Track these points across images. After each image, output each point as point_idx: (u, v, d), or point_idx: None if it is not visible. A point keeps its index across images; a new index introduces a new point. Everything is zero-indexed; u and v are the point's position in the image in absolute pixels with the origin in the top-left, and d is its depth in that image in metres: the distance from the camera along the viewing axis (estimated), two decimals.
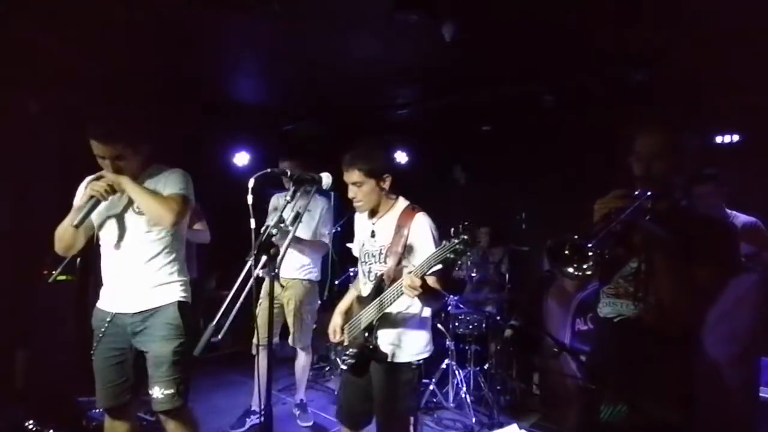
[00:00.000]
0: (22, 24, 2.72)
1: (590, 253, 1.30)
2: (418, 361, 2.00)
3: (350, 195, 1.95)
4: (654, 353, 1.45)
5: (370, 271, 2.04)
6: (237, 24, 2.85)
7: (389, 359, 1.94)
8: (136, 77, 3.54)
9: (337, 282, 4.46)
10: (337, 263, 4.83)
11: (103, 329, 2.02)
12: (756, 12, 2.40)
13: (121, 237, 2.02)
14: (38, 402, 3.02)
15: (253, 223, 1.29)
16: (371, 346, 1.89)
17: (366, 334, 1.91)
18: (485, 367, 3.79)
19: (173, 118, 3.89)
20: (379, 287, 1.91)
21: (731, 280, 2.65)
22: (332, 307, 2.76)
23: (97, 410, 3.02)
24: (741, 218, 2.88)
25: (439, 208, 2.46)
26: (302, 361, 3.31)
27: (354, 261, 4.32)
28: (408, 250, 1.89)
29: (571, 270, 1.34)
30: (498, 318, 3.79)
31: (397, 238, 1.89)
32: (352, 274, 4.23)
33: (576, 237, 1.31)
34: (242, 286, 1.34)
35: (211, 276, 4.62)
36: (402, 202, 2.04)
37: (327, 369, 4.28)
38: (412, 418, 1.98)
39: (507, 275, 3.92)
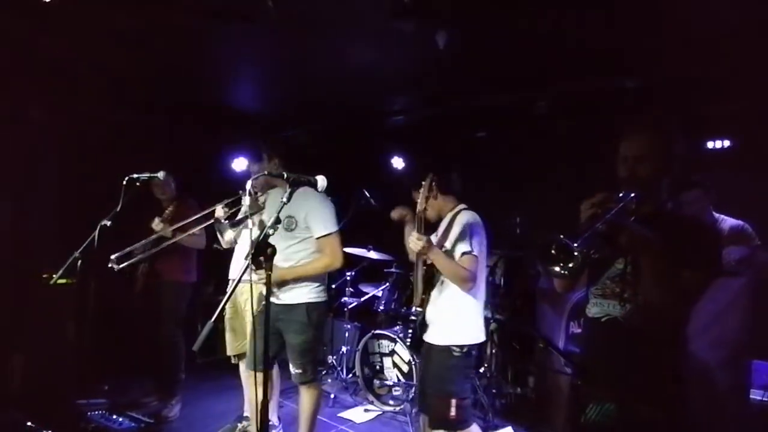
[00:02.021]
0: (24, 28, 2.77)
1: (575, 253, 1.34)
2: (462, 346, 2.13)
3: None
4: (640, 353, 1.47)
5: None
6: (235, 32, 2.91)
7: (432, 341, 2.19)
8: (135, 83, 3.60)
9: (333, 286, 4.50)
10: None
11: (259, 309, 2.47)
12: (745, 19, 2.44)
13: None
14: (37, 404, 3.04)
15: (250, 224, 1.34)
16: (418, 327, 2.22)
17: (419, 315, 2.25)
18: (481, 370, 3.81)
19: (171, 125, 3.95)
20: (429, 272, 2.19)
21: (720, 284, 2.72)
22: (328, 311, 2.85)
23: (96, 412, 3.05)
24: (728, 222, 2.92)
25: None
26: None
27: (350, 264, 4.41)
28: (450, 239, 2.21)
29: (557, 269, 1.39)
30: (493, 322, 3.83)
31: (445, 232, 2.26)
32: (348, 278, 4.27)
33: (562, 237, 1.35)
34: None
35: (210, 281, 4.65)
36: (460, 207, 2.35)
37: (324, 373, 4.31)
38: (454, 401, 2.10)
39: (502, 280, 3.96)
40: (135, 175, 2.64)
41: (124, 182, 2.59)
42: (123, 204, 2.55)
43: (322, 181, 1.53)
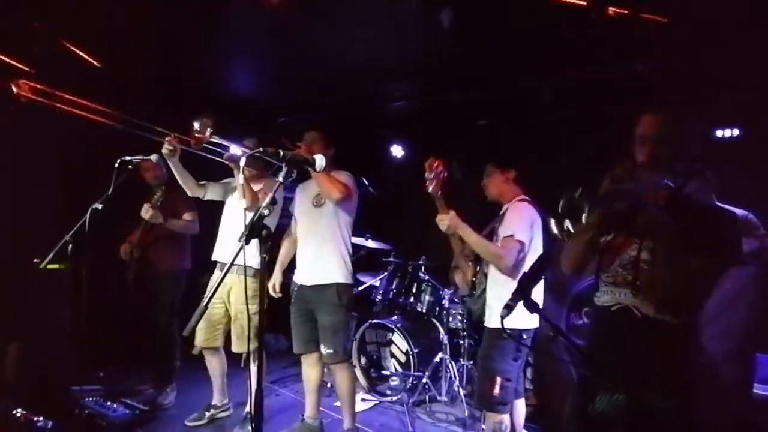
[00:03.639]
0: (18, 18, 2.69)
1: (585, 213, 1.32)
2: (511, 330, 2.15)
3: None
4: (651, 341, 1.44)
5: None
6: (231, 15, 2.83)
7: (488, 325, 2.30)
8: (128, 70, 3.50)
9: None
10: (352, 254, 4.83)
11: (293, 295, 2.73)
12: (754, 7, 2.39)
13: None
14: (30, 391, 3.00)
15: (244, 203, 1.27)
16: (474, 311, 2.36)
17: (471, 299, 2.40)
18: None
19: (166, 111, 3.85)
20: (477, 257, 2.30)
21: (727, 274, 2.68)
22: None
23: (91, 399, 3.00)
24: (733, 212, 2.88)
25: (434, 203, 2.46)
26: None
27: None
28: (503, 225, 2.29)
29: (568, 225, 1.37)
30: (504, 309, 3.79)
31: (501, 219, 2.35)
32: None
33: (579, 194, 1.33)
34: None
35: (205, 269, 4.59)
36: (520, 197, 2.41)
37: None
38: (499, 379, 2.17)
39: None
40: (127, 158, 2.57)
41: (116, 164, 2.51)
42: (115, 187, 2.48)
43: (320, 160, 1.46)
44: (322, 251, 2.63)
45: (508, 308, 1.20)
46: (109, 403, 2.92)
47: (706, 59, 2.97)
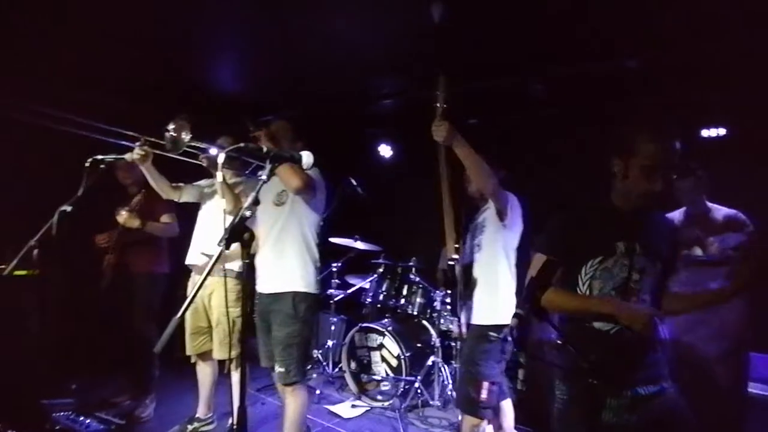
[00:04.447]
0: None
1: None
2: (498, 326, 2.11)
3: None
4: (652, 355, 1.51)
5: None
6: (211, 7, 2.69)
7: (471, 319, 2.20)
8: (105, 64, 3.33)
9: (319, 278, 4.32)
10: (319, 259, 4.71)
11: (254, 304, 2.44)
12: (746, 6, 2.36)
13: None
14: None
15: (224, 204, 1.16)
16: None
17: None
18: None
19: (140, 110, 3.68)
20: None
21: (718, 274, 2.67)
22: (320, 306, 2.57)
23: (62, 413, 2.84)
24: (722, 211, 2.90)
25: (424, 203, 2.38)
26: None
27: (336, 255, 4.25)
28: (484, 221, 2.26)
29: None
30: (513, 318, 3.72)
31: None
32: (334, 269, 4.10)
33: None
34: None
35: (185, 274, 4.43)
36: None
37: (309, 367, 4.14)
38: (486, 383, 2.08)
39: None
40: (99, 157, 2.40)
41: (87, 164, 2.35)
42: (86, 188, 2.32)
43: (307, 157, 1.34)
44: (281, 255, 2.31)
45: (519, 317, 1.11)
46: (82, 418, 2.77)
47: (694, 58, 2.95)
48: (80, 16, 2.72)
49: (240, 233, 1.15)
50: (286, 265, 2.29)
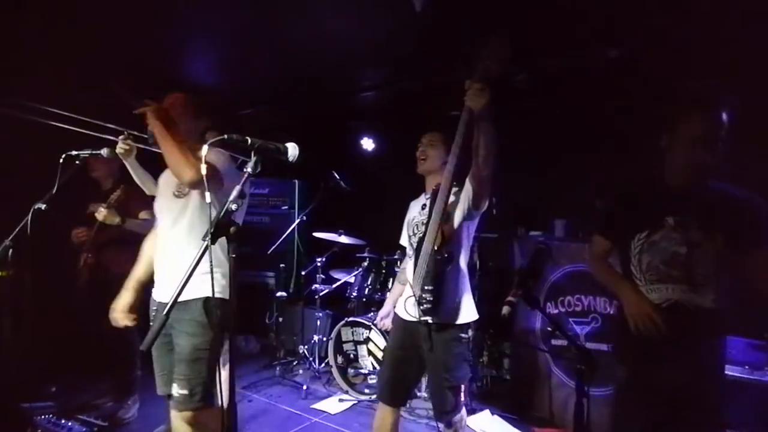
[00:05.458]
0: None
1: None
2: (465, 324, 1.96)
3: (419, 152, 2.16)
4: (708, 332, 1.52)
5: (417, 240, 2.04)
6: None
7: (434, 316, 1.90)
8: (83, 55, 3.22)
9: (303, 273, 4.30)
10: (303, 254, 4.68)
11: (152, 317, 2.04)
12: None
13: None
14: None
15: (208, 197, 1.13)
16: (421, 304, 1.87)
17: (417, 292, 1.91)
18: None
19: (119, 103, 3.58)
20: (421, 241, 1.93)
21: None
22: (299, 299, 2.48)
23: (43, 417, 2.76)
24: None
25: (408, 196, 2.37)
26: None
27: (320, 250, 4.22)
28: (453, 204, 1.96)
29: None
30: (505, 306, 3.75)
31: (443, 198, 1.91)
32: (319, 264, 4.08)
33: None
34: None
35: None
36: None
37: (295, 363, 4.13)
38: (463, 386, 1.97)
39: (477, 263, 3.89)
40: (74, 152, 2.32)
41: (61, 160, 2.27)
42: (60, 185, 2.24)
43: (293, 149, 1.31)
44: (184, 257, 1.87)
45: (510, 305, 1.12)
46: (63, 421, 2.71)
47: (677, 47, 2.99)
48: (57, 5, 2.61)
49: (226, 227, 1.13)
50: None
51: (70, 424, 2.71)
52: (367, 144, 4.89)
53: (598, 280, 1.73)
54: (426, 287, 1.87)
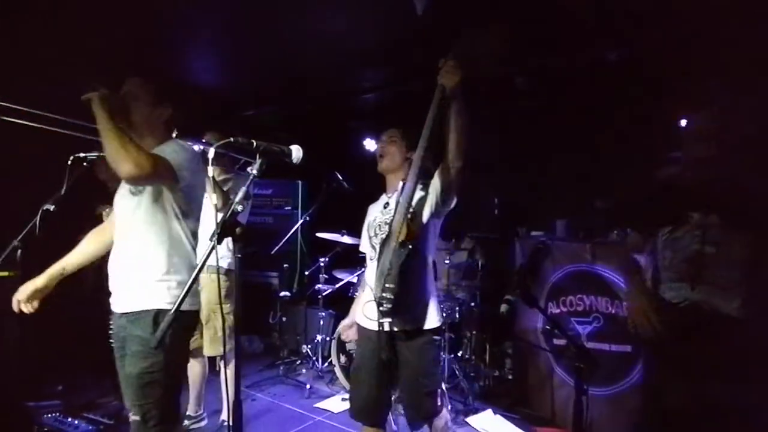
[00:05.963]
0: None
1: None
2: (435, 328, 1.86)
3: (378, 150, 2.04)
4: (726, 336, 1.44)
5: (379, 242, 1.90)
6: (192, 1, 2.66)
7: (402, 324, 1.80)
8: (83, 54, 3.25)
9: (307, 273, 4.33)
10: (307, 254, 4.71)
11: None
12: None
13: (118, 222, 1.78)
14: None
15: (214, 199, 1.16)
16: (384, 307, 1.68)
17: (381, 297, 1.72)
18: (459, 354, 3.77)
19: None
20: (385, 241, 1.79)
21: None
22: (302, 299, 2.51)
23: (49, 416, 2.80)
24: None
25: None
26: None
27: (323, 250, 4.25)
28: (418, 202, 1.83)
29: None
30: (472, 305, 3.77)
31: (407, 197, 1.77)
32: (322, 264, 4.11)
33: None
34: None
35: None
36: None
37: (298, 363, 4.16)
38: (440, 390, 1.90)
39: (480, 262, 3.91)
40: (81, 154, 2.36)
41: (69, 161, 2.31)
42: (68, 186, 2.28)
43: (297, 151, 1.34)
44: (141, 261, 1.67)
45: (509, 303, 1.14)
46: (70, 419, 2.76)
47: (675, 48, 3.00)
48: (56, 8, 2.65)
49: (231, 228, 1.16)
50: (147, 274, 1.65)
51: (76, 422, 2.75)
52: (369, 144, 4.91)
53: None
54: (387, 285, 1.70)
